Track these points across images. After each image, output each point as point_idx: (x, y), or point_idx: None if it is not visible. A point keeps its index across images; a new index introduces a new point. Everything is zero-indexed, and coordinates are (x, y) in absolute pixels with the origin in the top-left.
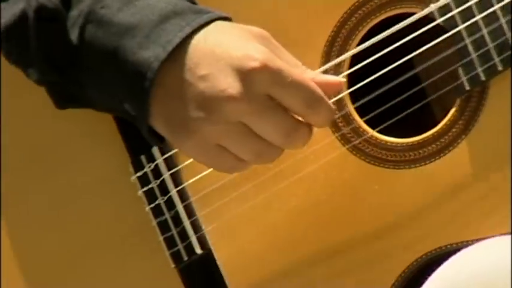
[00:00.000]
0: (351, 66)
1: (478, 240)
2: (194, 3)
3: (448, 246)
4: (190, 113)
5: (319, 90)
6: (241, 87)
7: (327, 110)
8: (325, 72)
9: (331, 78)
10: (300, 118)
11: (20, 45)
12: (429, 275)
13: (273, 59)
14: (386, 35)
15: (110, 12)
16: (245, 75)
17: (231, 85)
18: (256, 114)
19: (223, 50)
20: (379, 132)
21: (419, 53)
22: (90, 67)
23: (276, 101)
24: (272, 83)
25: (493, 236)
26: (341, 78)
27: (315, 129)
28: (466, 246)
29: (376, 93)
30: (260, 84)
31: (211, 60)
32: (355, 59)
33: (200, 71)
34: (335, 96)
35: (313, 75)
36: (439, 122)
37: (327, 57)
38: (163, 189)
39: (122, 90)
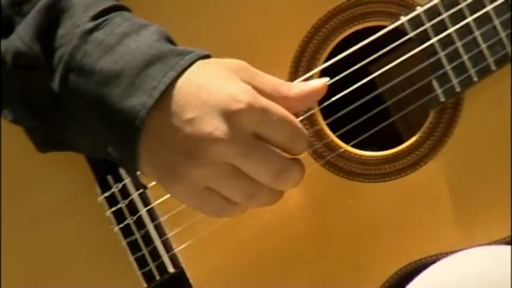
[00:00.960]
0: None
1: (454, 252)
2: (174, 43)
3: (428, 258)
4: (177, 157)
5: (299, 125)
6: (228, 129)
7: (306, 140)
8: None
9: (316, 83)
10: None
11: None
12: None
13: (257, 99)
14: (356, 49)
15: (91, 61)
16: (231, 116)
17: (217, 127)
18: (243, 154)
19: (208, 93)
20: (353, 146)
21: (393, 68)
22: (73, 114)
23: (263, 141)
24: (258, 123)
25: (471, 247)
26: (325, 79)
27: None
28: (443, 258)
29: (350, 108)
30: (246, 125)
31: (196, 103)
32: (324, 74)
33: (186, 115)
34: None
35: (300, 89)
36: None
37: (295, 73)
38: (132, 209)
39: (107, 136)
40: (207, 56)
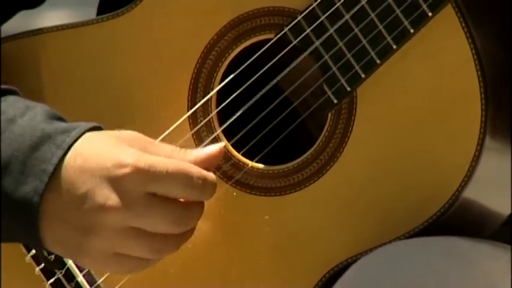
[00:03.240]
0: (219, 104)
1: (373, 249)
2: (62, 119)
3: (349, 259)
4: (78, 234)
5: (197, 169)
6: (119, 196)
7: (211, 184)
8: (194, 114)
9: (212, 149)
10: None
11: None
12: None
13: (143, 158)
14: (244, 66)
15: None
16: (119, 182)
17: (108, 197)
18: (140, 216)
19: (95, 164)
20: (261, 161)
21: (287, 78)
22: None
23: (157, 196)
24: (148, 181)
25: (387, 243)
26: (221, 144)
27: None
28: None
29: (249, 126)
30: (136, 187)
31: (85, 177)
32: (223, 95)
33: (78, 191)
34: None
35: (195, 155)
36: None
37: (193, 101)
38: (69, 276)
39: (13, 226)
40: (96, 128)
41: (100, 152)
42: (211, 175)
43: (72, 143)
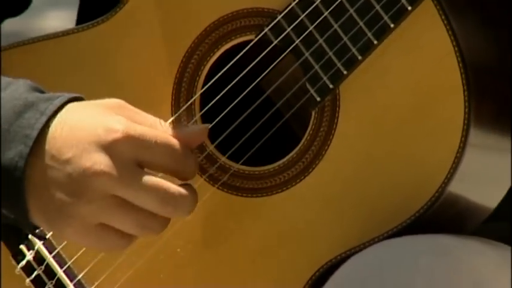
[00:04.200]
0: (202, 107)
1: (360, 247)
2: (43, 92)
3: (337, 257)
4: (62, 199)
5: (183, 145)
6: (108, 161)
7: (194, 162)
8: (178, 118)
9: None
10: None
11: None
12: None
13: (134, 126)
14: (226, 68)
15: None
16: (108, 148)
17: (96, 161)
18: (127, 183)
19: (82, 130)
20: (247, 163)
21: (269, 78)
22: None
23: (146, 169)
24: (137, 149)
25: (373, 241)
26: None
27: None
28: (355, 253)
29: (232, 127)
30: (125, 153)
31: (72, 142)
32: (206, 99)
33: (64, 156)
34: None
35: (178, 131)
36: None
37: (176, 105)
38: (50, 273)
39: None
40: (79, 99)
41: (88, 120)
42: (193, 155)
43: (56, 110)
